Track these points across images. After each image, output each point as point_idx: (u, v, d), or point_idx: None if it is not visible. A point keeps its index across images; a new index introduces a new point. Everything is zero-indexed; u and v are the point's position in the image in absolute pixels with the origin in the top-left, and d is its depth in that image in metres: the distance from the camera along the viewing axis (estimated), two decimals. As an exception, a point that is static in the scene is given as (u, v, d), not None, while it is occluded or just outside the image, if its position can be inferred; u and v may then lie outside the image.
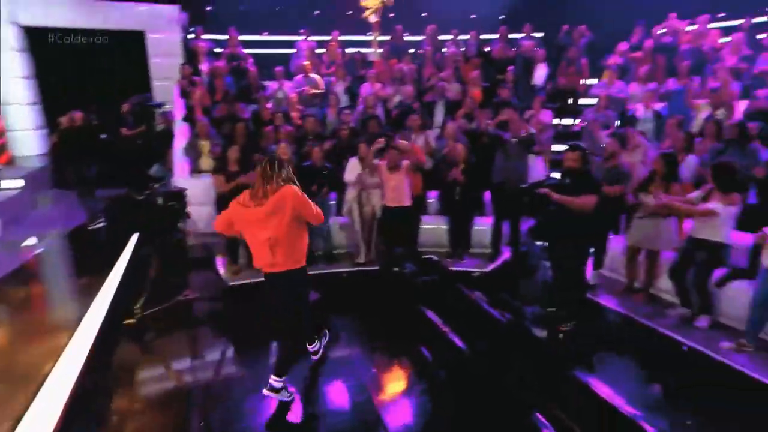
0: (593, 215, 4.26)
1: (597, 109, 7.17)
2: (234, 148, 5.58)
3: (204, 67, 8.45)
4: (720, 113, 6.05)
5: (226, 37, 9.21)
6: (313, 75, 8.44)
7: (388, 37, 9.90)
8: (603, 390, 3.35)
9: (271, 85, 8.45)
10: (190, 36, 9.40)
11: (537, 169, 6.43)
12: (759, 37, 7.29)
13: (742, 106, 6.52)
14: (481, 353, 3.95)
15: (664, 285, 4.98)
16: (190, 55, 8.66)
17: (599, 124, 6.38)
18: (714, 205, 4.23)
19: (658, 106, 6.64)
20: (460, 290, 5.01)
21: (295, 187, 3.12)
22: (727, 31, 7.92)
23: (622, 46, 8.31)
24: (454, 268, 5.83)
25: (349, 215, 5.97)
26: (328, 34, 9.71)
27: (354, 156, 6.03)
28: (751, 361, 3.86)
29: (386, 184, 5.74)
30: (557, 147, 7.54)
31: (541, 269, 4.54)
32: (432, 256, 5.98)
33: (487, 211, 6.57)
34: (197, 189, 6.02)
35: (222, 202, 5.59)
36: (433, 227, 6.39)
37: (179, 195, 4.97)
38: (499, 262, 6.10)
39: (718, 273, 4.44)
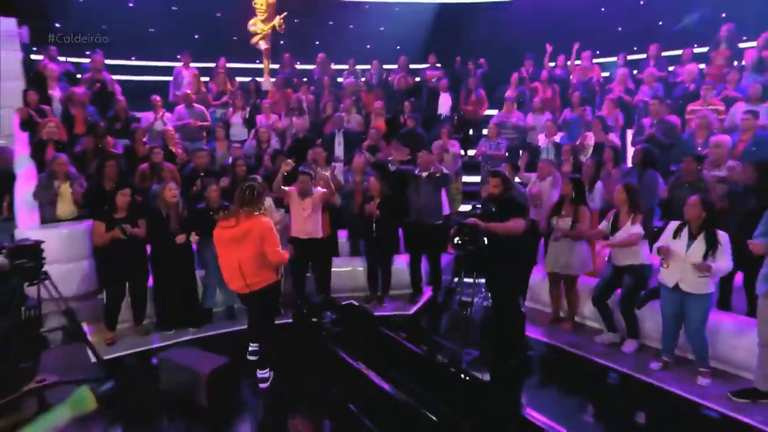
0: (521, 240, 4.32)
1: (489, 138, 7.54)
2: (124, 192, 4.83)
3: (56, 93, 7.42)
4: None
5: (84, 60, 8.28)
6: (197, 106, 7.93)
7: (277, 66, 9.73)
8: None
9: (146, 116, 7.69)
10: (36, 57, 8.27)
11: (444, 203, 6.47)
12: (634, 72, 8.33)
13: (628, 134, 7.28)
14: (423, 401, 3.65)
15: (588, 311, 5.22)
16: (37, 80, 7.54)
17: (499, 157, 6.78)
18: (637, 228, 4.50)
19: (558, 136, 7.13)
20: (388, 337, 4.71)
21: (268, 220, 3.70)
22: (604, 67, 8.94)
23: (514, 77, 8.94)
24: (378, 313, 5.56)
25: None
26: (212, 61, 9.24)
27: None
28: (673, 378, 4.17)
29: (296, 213, 5.39)
30: (465, 178, 7.82)
31: (472, 306, 4.43)
32: (352, 301, 5.66)
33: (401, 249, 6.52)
34: (54, 242, 5.07)
35: (102, 255, 4.84)
36: (347, 269, 6.12)
37: (33, 250, 3.99)
38: (422, 302, 6.01)
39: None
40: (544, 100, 8.15)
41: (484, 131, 8.98)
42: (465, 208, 7.59)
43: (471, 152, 8.64)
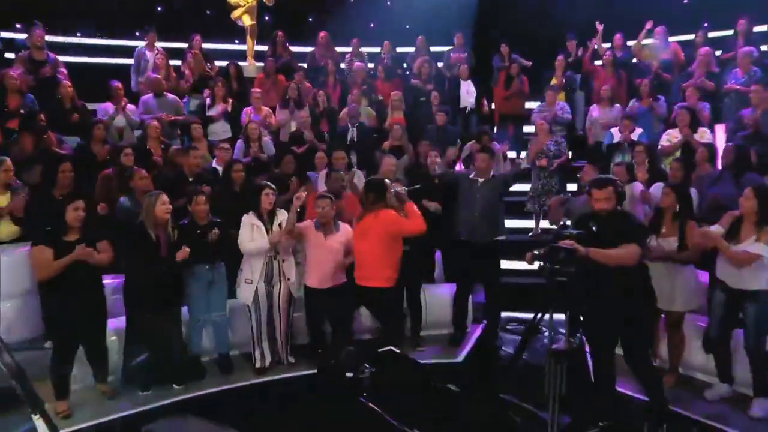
0: (635, 274, 3.88)
1: (540, 137, 7.09)
2: (76, 206, 4.23)
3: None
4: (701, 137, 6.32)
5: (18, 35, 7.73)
6: (170, 95, 7.52)
7: (265, 48, 9.34)
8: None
9: (101, 108, 7.20)
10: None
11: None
12: (717, 53, 7.97)
13: (718, 129, 6.94)
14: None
15: (697, 360, 4.83)
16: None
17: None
18: (761, 247, 4.11)
19: (635, 133, 6.75)
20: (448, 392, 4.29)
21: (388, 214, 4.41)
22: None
23: (560, 60, 8.57)
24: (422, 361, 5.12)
25: (251, 300, 4.97)
26: (180, 40, 8.80)
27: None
28: None
29: (315, 255, 5.02)
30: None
31: (569, 356, 3.96)
32: (392, 348, 5.21)
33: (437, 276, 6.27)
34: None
35: (49, 291, 4.29)
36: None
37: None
38: (469, 344, 5.68)
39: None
40: (611, 88, 7.79)
41: (528, 128, 8.68)
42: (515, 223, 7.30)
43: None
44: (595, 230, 3.90)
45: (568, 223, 4.19)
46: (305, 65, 9.04)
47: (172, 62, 8.28)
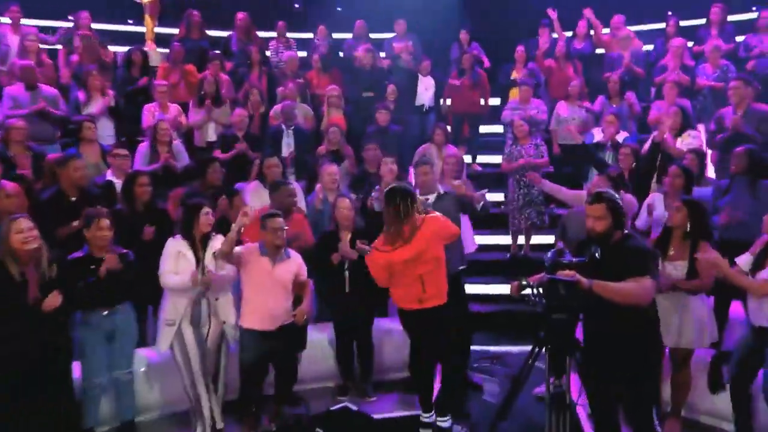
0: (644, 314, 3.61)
1: (519, 139, 6.88)
2: None
3: None
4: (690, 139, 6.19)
5: None
6: (46, 87, 6.81)
7: (175, 30, 8.72)
8: None
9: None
10: None
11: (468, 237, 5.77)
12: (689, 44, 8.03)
13: (702, 129, 6.90)
14: None
15: (704, 403, 4.64)
16: None
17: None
18: None
19: (621, 135, 6.60)
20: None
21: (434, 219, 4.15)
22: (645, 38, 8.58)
23: (520, 51, 8.37)
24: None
25: (177, 348, 4.43)
26: (56, 17, 8.19)
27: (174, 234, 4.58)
28: None
29: (259, 287, 4.47)
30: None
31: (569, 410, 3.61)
32: (347, 404, 4.87)
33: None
34: None
35: None
36: (316, 342, 5.19)
37: None
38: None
39: None
40: (564, 82, 7.71)
41: (485, 129, 8.45)
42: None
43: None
44: (598, 257, 3.60)
45: (560, 245, 3.83)
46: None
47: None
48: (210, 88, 7.10)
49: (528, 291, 3.61)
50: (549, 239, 6.66)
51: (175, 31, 8.73)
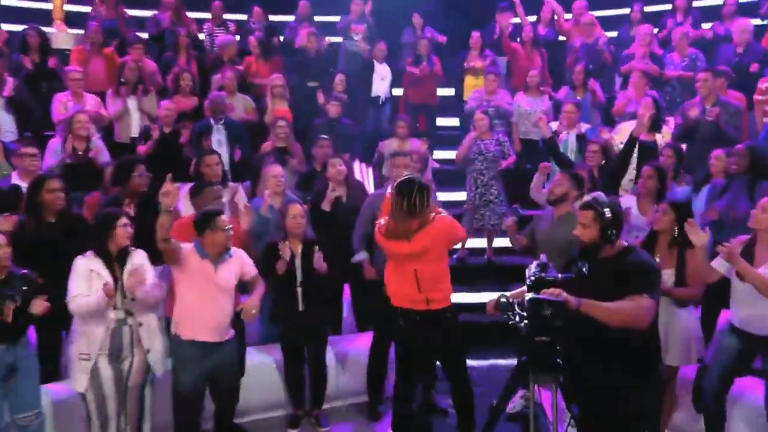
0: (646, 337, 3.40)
1: (480, 134, 6.67)
2: None
3: None
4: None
5: None
6: None
7: (87, 8, 8.26)
8: None
9: None
10: None
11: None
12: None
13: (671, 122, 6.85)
14: None
15: (682, 418, 4.56)
16: None
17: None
18: None
19: (582, 126, 6.50)
20: None
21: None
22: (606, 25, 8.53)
23: (475, 37, 8.16)
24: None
25: (87, 385, 4.02)
26: None
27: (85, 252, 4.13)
28: None
29: (199, 294, 4.16)
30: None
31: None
32: None
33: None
34: None
35: None
36: (254, 370, 4.92)
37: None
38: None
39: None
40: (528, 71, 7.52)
41: (443, 121, 8.25)
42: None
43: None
44: (586, 273, 3.40)
45: (544, 258, 3.61)
46: (145, 36, 7.99)
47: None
48: (131, 75, 6.63)
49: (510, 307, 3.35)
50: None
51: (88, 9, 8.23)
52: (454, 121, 8.32)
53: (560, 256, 4.39)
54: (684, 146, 5.97)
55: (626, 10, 8.50)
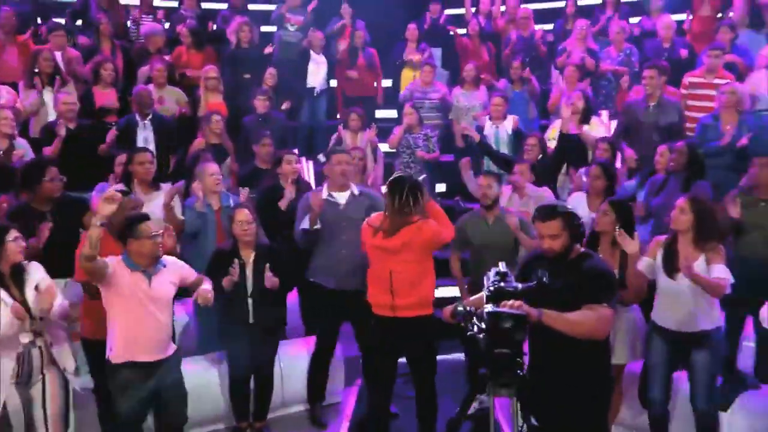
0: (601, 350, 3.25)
1: (410, 127, 6.40)
2: None
3: None
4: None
5: None
6: None
7: None
8: None
9: None
10: None
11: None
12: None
13: (605, 114, 6.77)
14: None
15: (629, 415, 4.42)
16: None
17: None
18: (722, 270, 3.66)
19: (510, 120, 6.27)
20: None
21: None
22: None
23: (412, 29, 7.82)
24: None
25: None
26: None
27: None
28: None
29: (134, 310, 3.61)
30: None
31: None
32: None
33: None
34: None
35: None
36: (195, 384, 4.30)
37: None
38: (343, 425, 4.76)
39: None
40: (480, 66, 7.27)
41: (381, 113, 7.88)
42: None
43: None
44: (547, 282, 3.17)
45: (502, 267, 3.33)
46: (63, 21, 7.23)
47: None
48: (46, 66, 5.89)
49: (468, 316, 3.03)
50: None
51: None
52: (393, 113, 7.94)
53: (501, 259, 4.23)
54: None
55: (561, 4, 8.31)
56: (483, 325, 2.95)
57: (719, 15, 7.32)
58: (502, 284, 2.98)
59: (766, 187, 4.28)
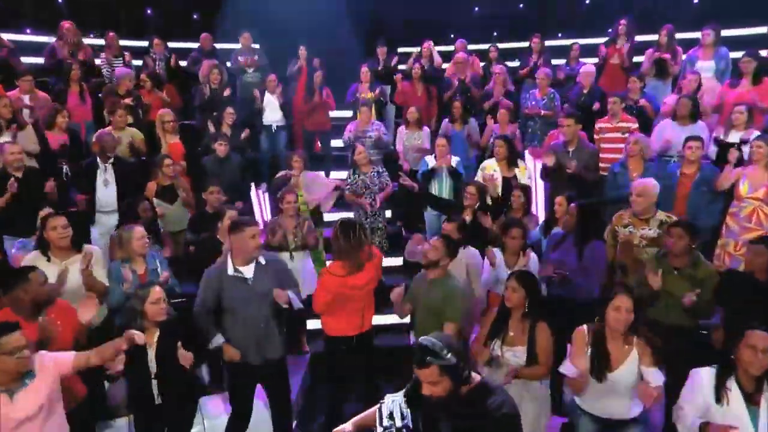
0: None
1: (359, 166, 5.57)
2: None
3: None
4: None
5: None
6: None
7: None
8: None
9: None
10: None
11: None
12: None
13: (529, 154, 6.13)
14: None
15: None
16: None
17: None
18: (657, 375, 2.92)
19: (453, 160, 5.46)
20: None
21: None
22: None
23: (364, 70, 6.98)
24: None
25: None
26: None
27: None
28: None
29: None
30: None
31: None
32: None
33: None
34: None
35: None
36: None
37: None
38: None
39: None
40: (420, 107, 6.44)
41: (338, 143, 6.96)
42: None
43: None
44: None
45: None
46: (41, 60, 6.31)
47: None
48: (4, 111, 4.90)
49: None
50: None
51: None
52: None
53: (433, 319, 3.54)
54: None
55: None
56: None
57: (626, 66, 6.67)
58: (397, 427, 2.28)
59: (679, 257, 3.57)
